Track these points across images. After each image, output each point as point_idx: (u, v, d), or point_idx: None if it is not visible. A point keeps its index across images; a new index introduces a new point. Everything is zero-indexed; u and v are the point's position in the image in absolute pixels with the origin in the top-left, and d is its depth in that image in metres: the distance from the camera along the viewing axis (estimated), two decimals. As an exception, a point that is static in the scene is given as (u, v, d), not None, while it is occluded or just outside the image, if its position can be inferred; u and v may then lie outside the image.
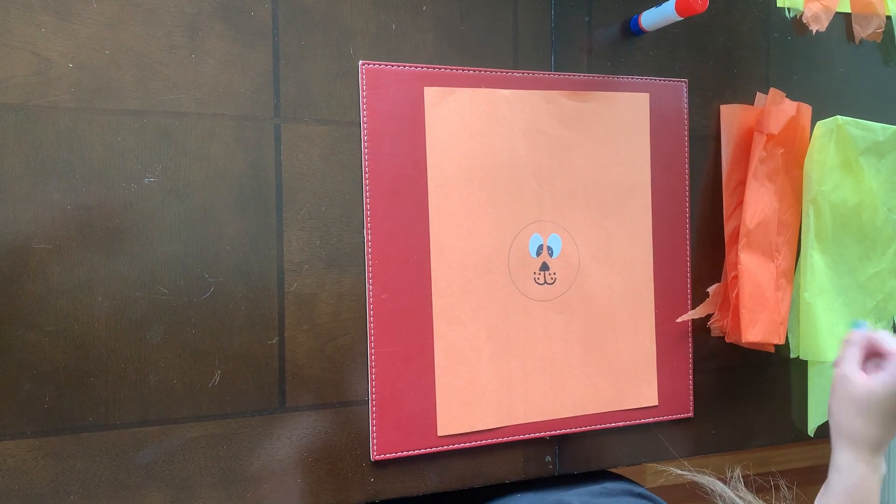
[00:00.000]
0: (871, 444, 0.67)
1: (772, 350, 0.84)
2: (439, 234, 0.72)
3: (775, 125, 0.81)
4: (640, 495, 0.77)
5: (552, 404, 0.76)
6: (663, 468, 0.64)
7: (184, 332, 0.64)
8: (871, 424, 0.67)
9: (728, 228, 0.83)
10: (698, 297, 0.83)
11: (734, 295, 0.82)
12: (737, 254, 0.81)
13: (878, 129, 0.85)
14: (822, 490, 0.70)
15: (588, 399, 0.78)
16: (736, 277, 0.81)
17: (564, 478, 0.79)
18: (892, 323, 0.90)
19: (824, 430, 0.87)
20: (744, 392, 0.86)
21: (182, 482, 0.65)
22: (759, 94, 0.85)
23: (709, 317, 0.83)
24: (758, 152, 0.82)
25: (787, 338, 0.85)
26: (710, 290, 0.83)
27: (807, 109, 0.84)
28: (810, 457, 2.02)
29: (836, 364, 0.73)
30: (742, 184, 0.83)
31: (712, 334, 0.84)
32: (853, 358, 0.71)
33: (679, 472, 0.61)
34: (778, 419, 0.88)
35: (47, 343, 0.61)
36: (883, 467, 0.67)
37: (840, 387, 0.70)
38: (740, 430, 0.86)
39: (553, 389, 0.76)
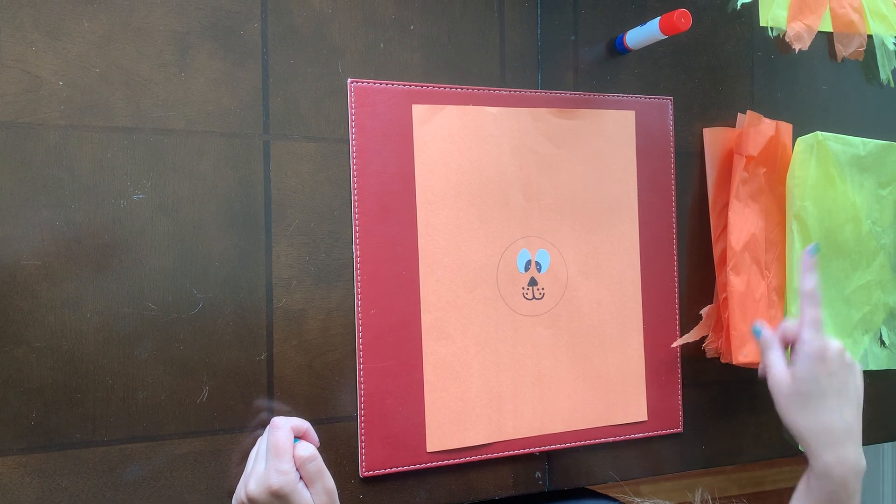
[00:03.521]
0: (831, 435, 0.65)
1: (766, 367, 0.85)
2: (428, 250, 0.72)
3: (754, 147, 0.83)
4: None
5: (542, 420, 0.76)
6: (622, 496, 0.63)
7: (172, 348, 0.65)
8: (816, 415, 0.65)
9: (717, 250, 0.84)
10: (686, 312, 0.83)
11: (726, 316, 0.82)
12: (726, 275, 0.82)
13: (859, 144, 0.87)
14: (800, 484, 0.68)
15: (577, 414, 0.78)
16: (727, 299, 0.82)
17: (553, 494, 0.79)
18: (878, 335, 0.91)
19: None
20: (734, 407, 0.86)
21: (169, 499, 0.64)
22: (739, 115, 0.86)
23: (703, 338, 0.83)
24: (738, 174, 0.82)
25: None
26: (703, 311, 0.83)
27: (786, 128, 0.85)
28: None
29: (762, 375, 0.71)
30: (728, 206, 0.84)
31: (707, 356, 0.84)
32: (776, 360, 0.69)
33: (636, 498, 0.60)
34: (768, 434, 0.88)
35: (35, 359, 0.61)
36: (861, 462, 0.64)
37: (775, 393, 0.68)
38: (730, 445, 0.86)
39: (542, 405, 0.76)
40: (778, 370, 0.68)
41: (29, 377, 0.61)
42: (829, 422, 0.65)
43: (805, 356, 0.66)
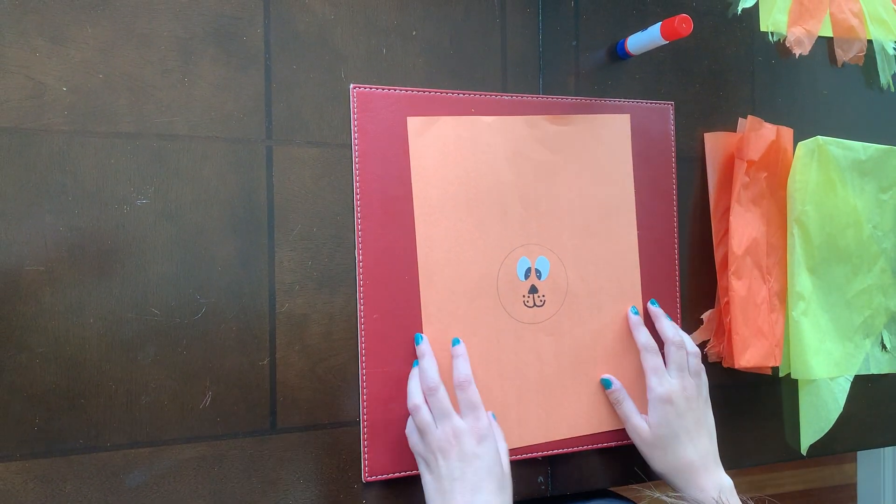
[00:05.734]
0: (690, 469, 0.73)
1: (769, 373, 0.85)
2: (427, 261, 0.72)
3: (755, 151, 0.83)
4: None
5: (546, 427, 0.76)
6: (649, 492, 0.63)
7: (175, 353, 0.65)
8: (674, 454, 0.73)
9: (718, 254, 0.84)
10: (688, 317, 0.83)
11: (728, 321, 0.82)
12: (728, 279, 0.82)
13: (860, 148, 0.87)
14: None
15: (581, 420, 0.78)
16: (728, 303, 0.82)
17: (556, 498, 0.79)
18: (879, 339, 0.91)
19: (817, 449, 0.87)
20: (736, 411, 0.86)
21: (172, 505, 0.64)
22: (740, 120, 0.86)
23: (704, 343, 0.84)
24: (740, 178, 0.83)
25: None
26: (705, 316, 0.83)
27: (787, 132, 0.86)
28: (804, 480, 2.01)
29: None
30: (729, 210, 0.84)
31: (709, 360, 0.84)
32: (631, 410, 0.77)
33: (659, 495, 0.60)
34: (771, 438, 0.88)
35: (38, 364, 0.61)
36: (723, 481, 0.73)
37: (636, 441, 0.77)
38: (733, 449, 0.86)
39: (546, 412, 0.76)
40: (635, 420, 0.76)
41: (32, 383, 0.61)
42: (685, 457, 0.73)
43: (654, 403, 0.75)
